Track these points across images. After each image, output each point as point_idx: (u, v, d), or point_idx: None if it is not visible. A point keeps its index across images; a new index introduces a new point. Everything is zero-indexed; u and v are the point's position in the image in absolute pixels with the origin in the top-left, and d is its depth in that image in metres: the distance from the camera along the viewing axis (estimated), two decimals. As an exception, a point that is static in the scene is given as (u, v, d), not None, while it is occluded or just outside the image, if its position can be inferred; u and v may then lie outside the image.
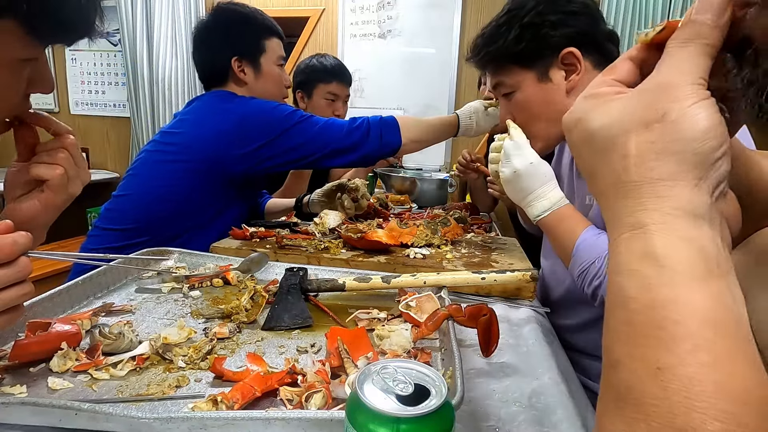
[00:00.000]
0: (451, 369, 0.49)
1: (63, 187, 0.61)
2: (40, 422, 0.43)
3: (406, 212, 1.44)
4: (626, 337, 0.23)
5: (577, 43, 0.83)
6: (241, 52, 1.22)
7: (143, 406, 0.47)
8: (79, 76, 3.24)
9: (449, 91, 2.71)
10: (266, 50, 1.24)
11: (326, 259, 0.95)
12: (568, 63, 0.85)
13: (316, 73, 1.75)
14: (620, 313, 0.24)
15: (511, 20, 0.86)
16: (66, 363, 0.53)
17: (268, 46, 1.24)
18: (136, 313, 0.69)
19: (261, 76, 1.24)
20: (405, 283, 0.74)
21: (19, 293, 0.46)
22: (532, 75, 0.87)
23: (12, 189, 0.62)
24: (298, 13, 2.86)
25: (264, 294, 0.74)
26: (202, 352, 0.56)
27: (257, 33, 1.23)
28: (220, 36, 1.22)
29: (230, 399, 0.45)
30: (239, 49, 1.21)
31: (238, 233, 1.07)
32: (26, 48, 0.55)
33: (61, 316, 0.64)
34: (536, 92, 0.87)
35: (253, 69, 1.23)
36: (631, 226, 0.24)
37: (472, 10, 2.63)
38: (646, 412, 0.21)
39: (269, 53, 1.24)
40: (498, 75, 0.92)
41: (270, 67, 1.25)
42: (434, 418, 0.31)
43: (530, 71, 0.87)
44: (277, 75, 1.27)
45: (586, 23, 0.85)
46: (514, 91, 0.90)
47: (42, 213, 0.61)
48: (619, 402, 0.23)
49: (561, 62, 0.85)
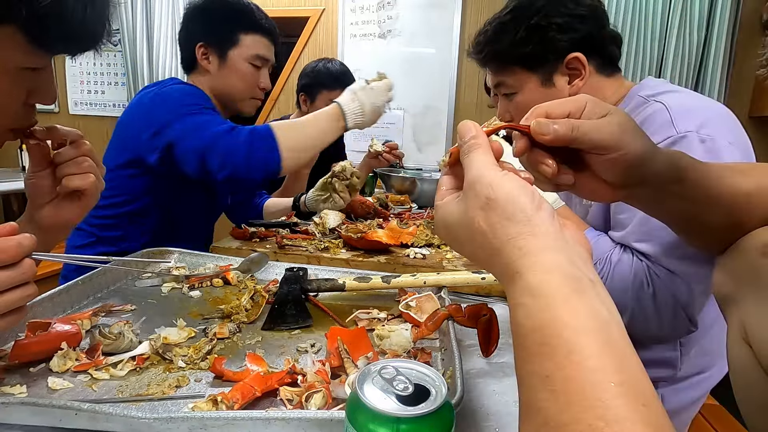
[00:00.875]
0: (451, 369, 0.49)
1: (97, 191, 0.68)
2: (40, 422, 0.43)
3: (406, 212, 1.44)
4: (522, 359, 0.28)
5: (583, 48, 0.82)
6: (208, 39, 1.15)
7: (143, 406, 0.47)
8: (79, 76, 3.24)
9: (449, 91, 2.71)
10: (239, 44, 1.16)
11: (326, 259, 0.95)
12: (573, 68, 0.83)
13: (320, 78, 1.75)
14: (516, 340, 0.29)
15: (516, 20, 0.83)
16: (66, 363, 0.53)
17: (244, 40, 1.16)
18: (136, 313, 0.69)
19: (225, 67, 1.16)
20: (405, 283, 0.74)
21: (23, 295, 0.46)
22: (536, 78, 0.85)
23: (37, 197, 0.66)
24: (298, 13, 2.86)
25: (264, 294, 0.74)
26: (202, 352, 0.56)
27: (234, 24, 1.15)
28: (194, 20, 1.17)
29: (230, 399, 0.45)
30: (207, 35, 1.15)
31: (238, 233, 1.07)
32: (28, 56, 0.55)
33: (61, 316, 0.64)
34: (539, 97, 0.86)
35: (218, 59, 1.16)
36: (511, 276, 0.31)
37: (472, 10, 2.63)
38: (543, 416, 0.26)
39: (242, 48, 1.16)
40: (500, 75, 0.90)
41: (239, 61, 1.16)
42: (434, 418, 0.31)
43: (534, 74, 0.85)
44: (245, 72, 1.17)
45: (593, 27, 0.83)
46: (515, 92, 0.89)
47: (80, 217, 0.68)
48: (527, 412, 0.27)
49: (566, 67, 0.83)
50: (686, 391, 0.85)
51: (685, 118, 0.72)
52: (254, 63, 1.17)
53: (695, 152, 0.68)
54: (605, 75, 0.86)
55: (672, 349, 0.81)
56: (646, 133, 0.44)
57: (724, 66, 2.29)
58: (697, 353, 0.83)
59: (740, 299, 0.39)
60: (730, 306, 0.41)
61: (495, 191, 0.32)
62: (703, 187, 0.46)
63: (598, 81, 0.85)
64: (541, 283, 0.29)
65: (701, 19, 2.28)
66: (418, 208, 1.60)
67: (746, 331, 0.37)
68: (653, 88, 0.81)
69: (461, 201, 0.35)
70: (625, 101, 0.84)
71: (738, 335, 0.38)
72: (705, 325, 0.82)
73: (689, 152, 0.68)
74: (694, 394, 0.85)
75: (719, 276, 0.44)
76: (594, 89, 0.84)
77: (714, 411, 1.28)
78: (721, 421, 1.25)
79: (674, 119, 0.72)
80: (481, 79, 1.95)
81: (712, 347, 0.84)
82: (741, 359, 0.38)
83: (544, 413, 0.25)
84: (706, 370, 0.86)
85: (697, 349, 0.82)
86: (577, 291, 0.28)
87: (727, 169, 0.48)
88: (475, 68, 1.01)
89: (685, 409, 0.86)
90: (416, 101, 2.77)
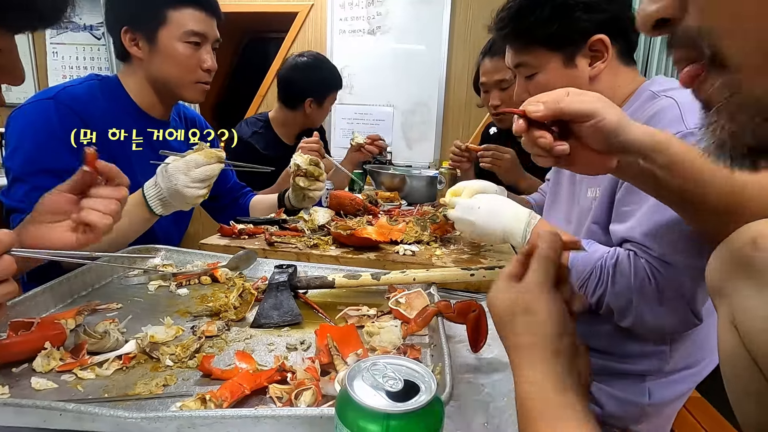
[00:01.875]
0: (440, 365, 0.49)
1: (101, 235, 0.64)
2: (23, 423, 0.42)
3: (396, 209, 1.44)
4: (522, 425, 0.40)
5: (608, 30, 0.81)
6: (132, 22, 1.03)
7: (130, 406, 0.46)
8: (61, 69, 3.16)
9: (439, 87, 2.71)
10: (167, 22, 1.02)
11: (315, 256, 0.95)
12: (596, 50, 0.82)
13: (327, 82, 1.80)
14: (518, 410, 0.40)
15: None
16: (50, 363, 0.52)
17: (173, 17, 1.02)
18: (122, 312, 0.68)
19: (156, 51, 1.03)
20: (394, 279, 0.74)
21: (2, 292, 0.45)
22: (558, 58, 0.84)
23: (44, 213, 0.64)
24: (287, 8, 2.83)
25: (253, 291, 0.73)
26: (189, 350, 0.56)
27: (157, 0, 1.02)
28: (115, 1, 1.07)
29: (219, 397, 0.45)
30: (131, 18, 1.03)
31: (227, 230, 1.06)
32: None
33: (45, 315, 0.63)
34: (560, 77, 0.84)
35: (147, 42, 1.03)
36: (521, 368, 0.42)
37: (461, 6, 2.63)
38: None
39: (171, 26, 1.02)
40: (522, 54, 0.88)
41: (171, 42, 1.03)
42: (424, 413, 0.31)
43: (557, 54, 0.84)
44: (180, 53, 1.04)
45: (619, 9, 0.82)
46: (536, 72, 0.87)
47: (69, 247, 0.63)
48: None
49: (589, 49, 0.83)
50: (674, 385, 0.86)
51: (695, 114, 0.73)
52: (190, 41, 1.04)
53: None
54: (624, 63, 0.86)
55: (662, 342, 0.82)
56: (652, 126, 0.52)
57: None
58: (688, 347, 0.84)
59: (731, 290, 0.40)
60: (721, 297, 0.41)
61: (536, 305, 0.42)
62: (695, 166, 0.53)
63: (617, 67, 0.85)
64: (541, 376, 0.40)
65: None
66: (407, 205, 1.60)
67: (735, 320, 0.38)
68: (663, 84, 0.82)
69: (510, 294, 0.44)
70: (636, 94, 0.84)
71: (728, 324, 0.39)
72: None
73: None
74: (681, 389, 0.87)
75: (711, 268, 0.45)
76: (612, 74, 0.84)
77: (698, 404, 1.30)
78: (704, 414, 1.28)
79: (684, 115, 0.72)
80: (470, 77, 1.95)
81: (702, 342, 0.85)
82: (731, 347, 0.39)
83: None
84: (695, 364, 0.87)
85: (687, 343, 0.83)
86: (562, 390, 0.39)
87: None
88: (465, 65, 1.00)
89: (671, 403, 0.88)
90: (406, 98, 2.77)
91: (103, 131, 1.00)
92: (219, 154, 0.91)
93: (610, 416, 0.87)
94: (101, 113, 1.02)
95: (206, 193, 0.90)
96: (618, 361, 0.86)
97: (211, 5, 1.08)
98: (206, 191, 0.89)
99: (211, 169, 0.89)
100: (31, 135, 0.96)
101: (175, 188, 0.86)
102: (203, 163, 0.88)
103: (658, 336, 0.80)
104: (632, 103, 0.83)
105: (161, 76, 1.07)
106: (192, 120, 1.31)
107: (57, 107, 0.97)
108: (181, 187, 0.86)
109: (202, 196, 0.89)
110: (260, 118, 1.86)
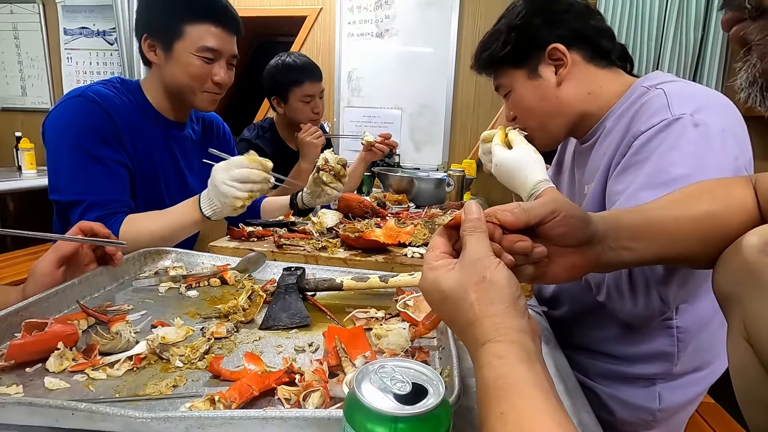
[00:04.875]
0: (448, 368, 0.49)
1: None
2: (36, 422, 0.43)
3: (404, 211, 1.44)
4: (483, 405, 0.36)
5: (565, 40, 0.88)
6: (152, 31, 1.08)
7: (140, 406, 0.46)
8: (75, 75, 3.22)
9: (447, 90, 2.71)
10: (184, 36, 1.06)
11: (324, 259, 0.95)
12: (556, 58, 0.89)
13: (288, 75, 1.73)
14: (482, 390, 0.36)
15: (504, 26, 0.93)
16: (62, 363, 0.53)
17: (190, 32, 1.06)
18: (133, 313, 0.69)
19: (171, 61, 1.09)
20: (403, 282, 0.74)
21: None
22: (523, 73, 0.92)
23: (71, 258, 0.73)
24: (296, 12, 2.85)
25: (261, 294, 0.74)
26: (199, 351, 0.56)
27: (176, 14, 1.07)
28: (140, 11, 1.13)
29: (228, 398, 0.45)
30: (151, 27, 1.09)
31: (236, 233, 1.07)
32: None
33: (58, 316, 0.64)
34: (528, 89, 0.92)
35: (164, 52, 1.09)
36: (482, 343, 0.38)
37: (469, 9, 2.63)
38: None
39: (187, 40, 1.07)
40: (496, 78, 0.98)
41: (185, 55, 1.07)
42: (432, 417, 0.31)
43: (520, 70, 0.92)
44: (191, 65, 1.08)
45: (573, 21, 0.89)
46: (510, 90, 0.96)
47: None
48: None
49: (549, 58, 0.89)
50: (684, 389, 0.85)
51: (682, 102, 0.73)
52: (203, 56, 1.08)
53: (687, 135, 0.69)
54: (599, 66, 0.90)
55: (670, 344, 0.82)
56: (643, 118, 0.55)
57: (720, 65, 2.29)
58: (696, 349, 0.83)
59: (741, 298, 0.39)
60: (731, 305, 0.41)
61: (491, 275, 0.40)
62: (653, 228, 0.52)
63: (588, 70, 0.90)
64: (506, 349, 0.37)
65: (698, 19, 2.28)
66: (415, 208, 1.60)
67: (747, 330, 0.38)
68: (657, 78, 0.84)
69: (457, 272, 0.41)
70: (629, 92, 0.86)
71: (739, 334, 0.38)
72: (702, 320, 0.82)
73: (682, 135, 0.70)
74: (691, 392, 0.85)
75: (719, 275, 0.44)
76: (586, 79, 0.89)
77: (711, 410, 1.28)
78: (718, 420, 1.25)
79: (671, 103, 0.73)
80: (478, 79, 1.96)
81: (710, 343, 0.84)
82: (741, 358, 0.38)
83: None
84: (704, 367, 0.86)
85: (695, 345, 0.83)
86: (530, 360, 0.36)
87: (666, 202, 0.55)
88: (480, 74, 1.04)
89: (682, 408, 0.87)
90: (414, 101, 2.77)
91: (125, 126, 1.06)
92: (264, 162, 0.97)
93: (622, 423, 0.86)
94: (123, 110, 1.08)
95: (246, 197, 0.95)
96: (626, 365, 0.85)
97: (230, 22, 1.10)
98: (246, 195, 0.94)
99: (249, 172, 0.94)
100: (69, 129, 1.02)
101: (214, 184, 0.94)
102: (244, 165, 0.94)
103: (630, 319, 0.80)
104: (625, 100, 0.85)
105: (173, 83, 1.11)
106: (210, 122, 1.35)
107: (85, 102, 1.04)
108: (219, 183, 0.93)
109: (241, 198, 0.94)
110: (264, 124, 1.88)
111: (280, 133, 1.85)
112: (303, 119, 1.76)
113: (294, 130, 1.78)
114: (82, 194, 1.00)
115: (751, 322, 0.37)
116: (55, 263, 0.70)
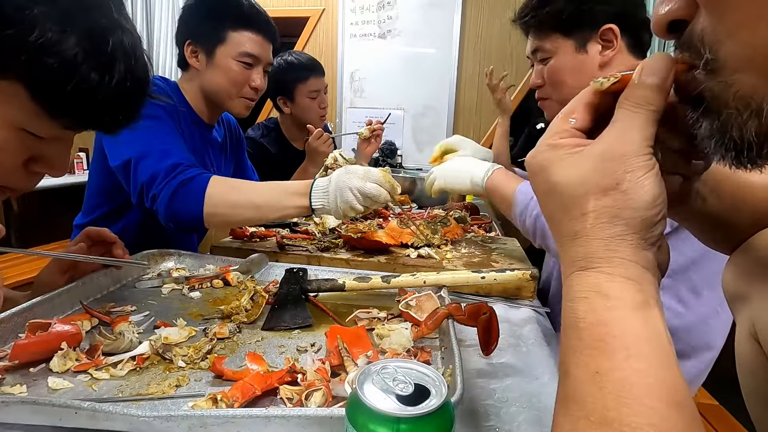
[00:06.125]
0: (451, 368, 0.49)
1: None
2: (40, 421, 0.43)
3: (406, 212, 1.44)
4: (574, 351, 0.28)
5: (618, 22, 0.88)
6: (195, 37, 1.12)
7: (143, 405, 0.47)
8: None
9: (449, 90, 2.71)
10: (226, 41, 1.10)
11: (326, 259, 0.95)
12: (606, 39, 0.89)
13: (292, 73, 1.74)
14: (571, 331, 0.29)
15: None
16: (66, 363, 0.53)
17: (232, 37, 1.11)
18: (136, 314, 0.69)
19: (212, 66, 1.12)
20: (405, 282, 0.74)
21: None
22: (571, 44, 0.92)
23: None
24: (298, 13, 2.86)
25: (264, 294, 0.74)
26: (202, 351, 0.56)
27: (221, 20, 1.10)
28: (184, 17, 1.15)
29: (230, 397, 0.45)
30: (194, 33, 1.12)
31: (239, 233, 1.07)
32: (32, 119, 0.48)
33: (61, 317, 0.64)
34: (571, 60, 0.92)
35: (206, 57, 1.12)
36: (583, 267, 0.29)
37: (472, 10, 2.63)
38: (585, 409, 0.26)
39: (230, 46, 1.11)
40: (539, 40, 0.97)
41: (226, 60, 1.11)
42: (434, 417, 0.31)
43: (569, 39, 0.92)
44: (231, 70, 1.12)
45: (630, 5, 0.90)
46: (550, 57, 0.95)
47: None
48: (567, 402, 0.28)
49: (600, 37, 0.90)
50: None
51: None
52: (243, 61, 1.12)
53: None
54: (636, 57, 0.92)
55: None
56: None
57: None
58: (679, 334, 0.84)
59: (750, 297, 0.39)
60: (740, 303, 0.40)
61: (632, 185, 0.28)
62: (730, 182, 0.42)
63: (628, 59, 0.91)
64: (618, 287, 0.28)
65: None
66: (418, 208, 1.60)
67: (755, 328, 0.37)
68: None
69: (584, 161, 0.30)
70: None
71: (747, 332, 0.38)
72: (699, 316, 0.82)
73: None
74: None
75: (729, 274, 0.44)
76: (623, 66, 0.90)
77: (713, 410, 1.27)
78: (720, 421, 1.25)
79: None
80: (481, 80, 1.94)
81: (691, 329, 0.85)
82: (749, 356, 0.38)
83: (588, 407, 0.26)
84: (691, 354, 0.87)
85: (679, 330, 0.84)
86: (649, 306, 0.27)
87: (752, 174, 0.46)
88: (476, 68, 1.04)
89: None
90: (416, 101, 2.77)
91: (178, 117, 1.08)
92: (395, 186, 0.88)
93: None
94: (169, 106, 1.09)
95: (360, 211, 0.87)
96: None
97: (269, 31, 1.16)
98: (361, 209, 0.86)
99: (380, 192, 0.86)
100: None
101: (341, 186, 0.86)
102: (381, 182, 0.86)
103: None
104: None
105: (212, 88, 1.14)
106: (228, 122, 1.38)
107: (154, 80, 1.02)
108: (346, 188, 0.85)
109: (356, 212, 0.86)
110: (269, 124, 1.88)
111: (284, 133, 1.86)
112: (311, 115, 1.77)
113: (300, 129, 1.77)
114: (149, 145, 0.93)
115: (759, 321, 0.37)
116: (59, 272, 0.70)
